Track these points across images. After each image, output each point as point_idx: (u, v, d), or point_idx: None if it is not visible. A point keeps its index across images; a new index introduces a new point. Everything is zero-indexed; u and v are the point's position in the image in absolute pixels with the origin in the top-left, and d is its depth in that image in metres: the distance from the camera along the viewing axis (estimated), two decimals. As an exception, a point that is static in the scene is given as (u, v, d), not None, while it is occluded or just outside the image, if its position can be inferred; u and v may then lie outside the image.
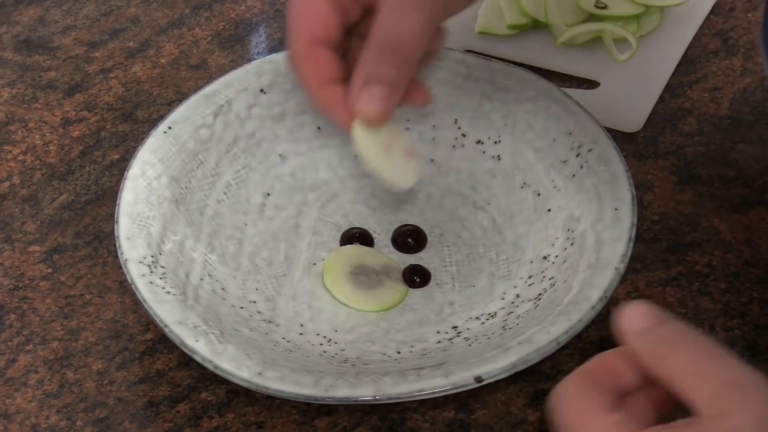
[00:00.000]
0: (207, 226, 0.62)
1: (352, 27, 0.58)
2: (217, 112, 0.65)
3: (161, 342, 0.59)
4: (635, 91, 0.72)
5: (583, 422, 0.42)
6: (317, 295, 0.61)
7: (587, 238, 0.58)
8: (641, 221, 0.64)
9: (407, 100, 0.58)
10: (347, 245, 0.63)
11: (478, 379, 0.51)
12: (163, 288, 0.56)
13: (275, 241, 0.63)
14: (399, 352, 0.57)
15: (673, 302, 0.60)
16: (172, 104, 0.73)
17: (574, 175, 0.61)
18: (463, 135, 0.67)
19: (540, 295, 0.57)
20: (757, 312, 0.59)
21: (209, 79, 0.71)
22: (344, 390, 0.51)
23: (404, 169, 0.57)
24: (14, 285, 0.63)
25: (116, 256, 0.58)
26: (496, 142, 0.66)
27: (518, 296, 0.58)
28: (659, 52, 0.75)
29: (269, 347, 0.56)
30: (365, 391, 0.51)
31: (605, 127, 0.62)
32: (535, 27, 0.76)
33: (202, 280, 0.59)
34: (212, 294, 0.58)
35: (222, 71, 0.72)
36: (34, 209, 0.67)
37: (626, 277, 0.60)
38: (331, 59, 0.56)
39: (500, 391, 0.56)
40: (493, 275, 0.61)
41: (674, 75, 0.73)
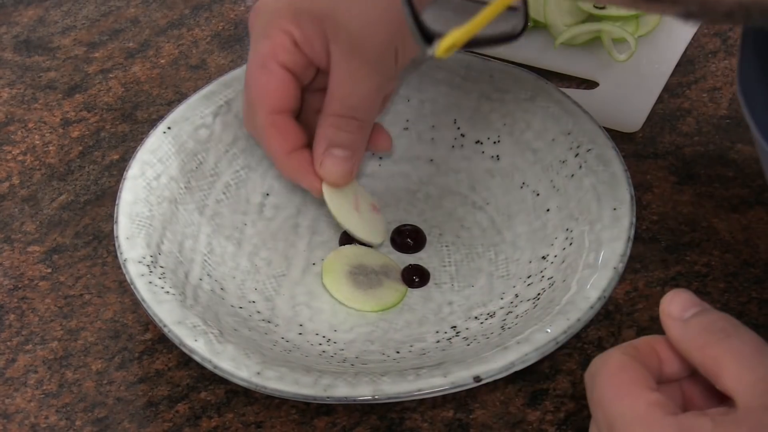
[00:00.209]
0: (206, 226, 0.62)
1: (307, 86, 0.60)
2: (216, 112, 0.65)
3: (160, 342, 0.59)
4: (634, 92, 0.72)
5: (621, 395, 0.42)
6: (316, 295, 0.61)
7: (586, 237, 0.58)
8: (640, 221, 0.64)
9: (371, 146, 0.62)
10: (346, 245, 0.63)
11: (477, 379, 0.51)
12: (163, 288, 0.56)
13: (274, 241, 0.63)
14: (398, 352, 0.57)
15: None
16: (171, 104, 0.73)
17: (573, 175, 0.61)
18: (462, 135, 0.67)
19: (539, 294, 0.57)
20: (756, 312, 0.59)
21: (209, 80, 0.71)
22: (343, 389, 0.51)
23: (374, 224, 0.62)
24: (14, 285, 0.63)
25: (115, 256, 0.58)
26: (495, 142, 0.66)
27: (517, 296, 0.59)
28: (658, 52, 0.75)
29: (268, 347, 0.56)
30: (364, 390, 0.51)
31: (604, 127, 0.62)
32: (534, 27, 0.76)
33: (201, 280, 0.59)
34: (211, 294, 0.58)
35: (221, 71, 0.72)
36: (34, 209, 0.67)
37: (625, 276, 0.60)
38: (294, 127, 0.59)
39: (499, 390, 0.56)
40: (492, 275, 0.61)
41: (673, 75, 0.73)
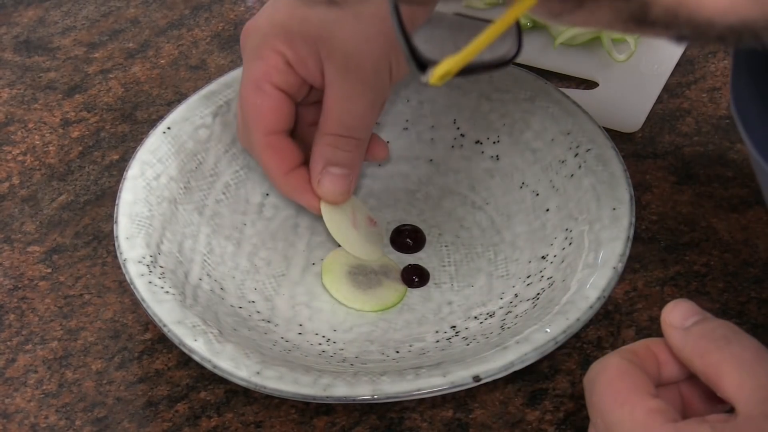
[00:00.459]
0: (206, 226, 0.62)
1: (300, 101, 0.60)
2: (216, 113, 0.65)
3: (160, 342, 0.59)
4: (634, 92, 0.72)
5: (620, 401, 0.42)
6: (316, 295, 0.61)
7: (585, 237, 0.58)
8: (639, 221, 0.64)
9: (368, 156, 0.62)
10: (346, 245, 0.63)
11: (477, 379, 0.51)
12: (162, 288, 0.56)
13: (274, 241, 0.63)
14: (397, 352, 0.57)
15: (672, 301, 0.60)
16: (171, 105, 0.73)
17: (572, 175, 0.61)
18: (462, 135, 0.67)
19: (538, 294, 0.57)
20: (755, 311, 0.59)
21: (208, 80, 0.71)
22: (343, 389, 0.51)
23: (371, 239, 0.62)
24: (13, 285, 0.63)
25: (115, 256, 0.58)
26: (494, 142, 0.66)
27: (516, 296, 0.59)
28: (658, 52, 0.75)
29: (268, 347, 0.56)
30: (364, 390, 0.51)
31: (604, 128, 0.63)
32: (533, 27, 0.77)
33: (200, 279, 0.59)
34: (211, 294, 0.58)
35: (221, 72, 0.72)
36: (34, 209, 0.68)
37: (624, 276, 0.60)
38: (290, 147, 0.60)
39: (498, 390, 0.56)
40: (492, 275, 0.61)
41: (673, 75, 0.73)
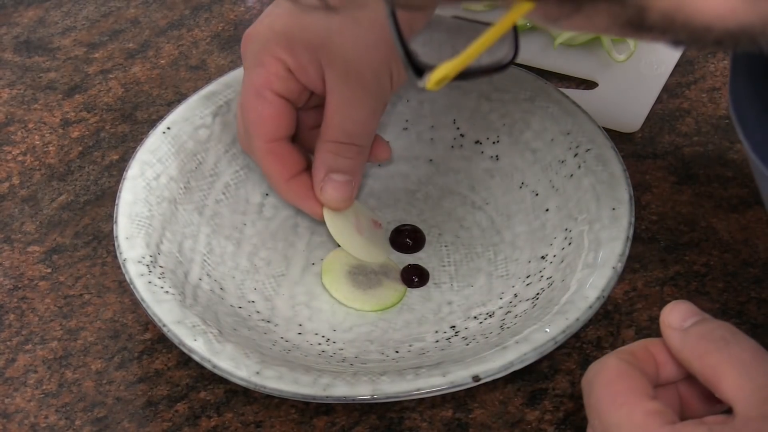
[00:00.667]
0: (206, 226, 0.62)
1: (301, 106, 0.60)
2: (216, 113, 0.65)
3: (160, 342, 0.59)
4: (633, 92, 0.72)
5: (618, 404, 0.42)
6: (316, 295, 0.61)
7: (585, 237, 0.58)
8: (639, 221, 0.64)
9: (370, 158, 0.62)
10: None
11: (476, 379, 0.51)
12: (162, 288, 0.56)
13: (274, 241, 0.63)
14: (397, 352, 0.57)
15: (671, 301, 0.60)
16: (171, 105, 0.73)
17: (572, 175, 0.61)
18: (462, 135, 0.67)
19: (538, 294, 0.57)
20: (755, 311, 0.59)
21: (208, 80, 0.71)
22: (342, 389, 0.51)
23: (376, 241, 0.62)
24: (13, 285, 0.63)
25: (115, 256, 0.58)
26: (494, 143, 0.66)
27: (516, 296, 0.59)
28: (657, 52, 0.75)
29: (267, 347, 0.56)
30: (363, 390, 0.51)
31: (603, 128, 0.63)
32: (533, 28, 0.77)
33: (200, 279, 0.59)
34: (211, 294, 0.58)
35: (221, 72, 0.72)
36: (34, 209, 0.68)
37: (624, 276, 0.60)
38: (292, 153, 0.60)
39: (498, 390, 0.56)
40: (491, 275, 0.61)
41: (672, 75, 0.74)
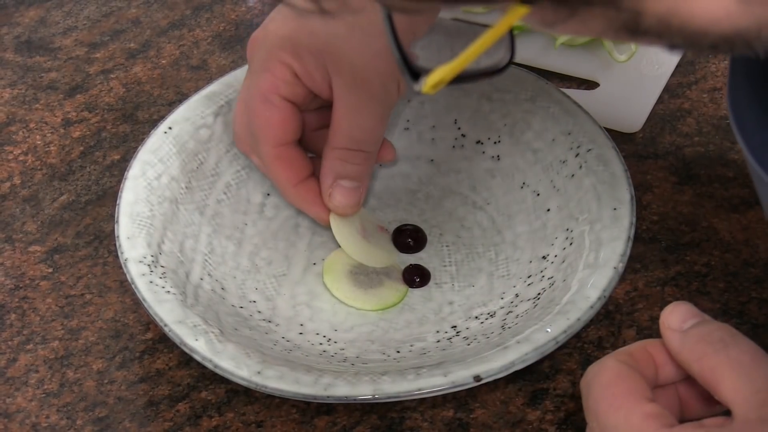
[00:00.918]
0: (207, 226, 0.62)
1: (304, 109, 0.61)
2: (217, 113, 0.65)
3: (161, 341, 0.59)
4: (634, 92, 0.72)
5: (616, 406, 0.42)
6: (317, 295, 0.61)
7: (586, 237, 0.58)
8: (640, 221, 0.64)
9: (376, 159, 0.62)
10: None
11: (477, 378, 0.51)
12: (163, 287, 0.56)
13: (275, 241, 0.63)
14: (398, 352, 0.57)
15: (672, 302, 0.60)
16: (172, 105, 0.73)
17: (573, 175, 0.61)
18: (463, 135, 0.67)
19: (539, 294, 0.57)
20: (756, 311, 0.59)
21: (210, 80, 0.71)
22: (343, 389, 0.51)
23: (382, 246, 0.62)
24: (15, 285, 0.63)
25: (116, 256, 0.58)
26: (495, 143, 0.66)
27: (517, 296, 0.59)
28: (658, 53, 0.75)
29: (269, 346, 0.56)
30: (364, 390, 0.51)
31: (604, 128, 0.63)
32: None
33: (201, 279, 0.59)
34: (212, 293, 0.59)
35: (222, 72, 0.72)
36: (35, 209, 0.68)
37: (625, 276, 0.60)
38: (299, 158, 0.60)
39: (499, 390, 0.56)
40: (492, 275, 0.61)
41: (673, 76, 0.74)
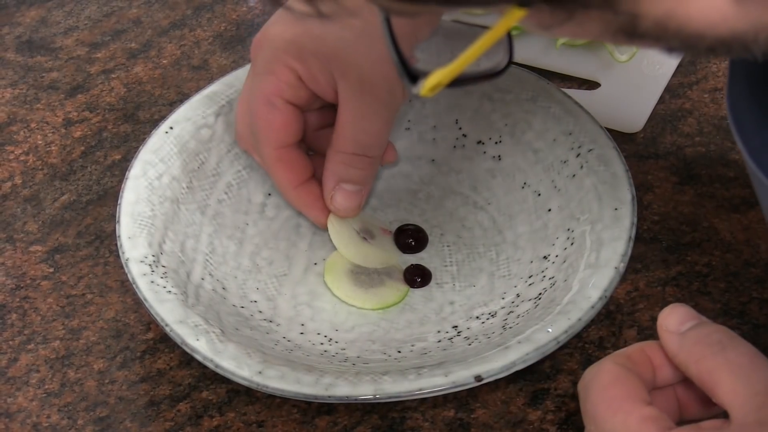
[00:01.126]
0: (208, 226, 0.62)
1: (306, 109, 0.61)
2: (218, 112, 0.65)
3: (162, 341, 0.59)
4: (635, 92, 0.72)
5: (614, 409, 0.42)
6: (318, 295, 0.61)
7: (587, 237, 0.58)
8: (641, 221, 0.64)
9: None
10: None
11: (478, 378, 0.51)
12: (164, 287, 0.56)
13: (276, 241, 0.63)
14: (399, 351, 0.57)
15: (673, 302, 0.59)
16: (173, 105, 0.73)
17: (574, 175, 0.61)
18: (464, 135, 0.67)
19: (540, 294, 0.57)
20: (757, 311, 0.59)
21: (211, 80, 0.71)
22: (344, 389, 0.51)
23: (385, 246, 0.62)
24: (16, 285, 0.63)
25: (117, 256, 0.58)
26: (496, 143, 0.66)
27: (518, 296, 0.59)
28: (659, 53, 0.74)
29: (270, 346, 0.56)
30: (365, 389, 0.51)
31: (605, 128, 0.63)
32: (535, 28, 0.77)
33: (203, 279, 0.59)
34: (213, 293, 0.59)
35: (223, 72, 0.72)
36: (36, 209, 0.68)
37: (626, 276, 0.60)
38: (300, 159, 0.60)
39: (500, 390, 0.56)
40: (493, 275, 0.61)
41: (674, 76, 0.74)
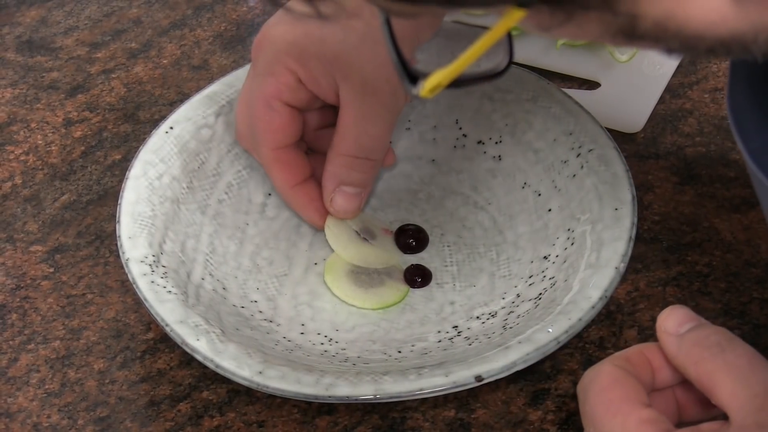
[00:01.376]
0: (208, 226, 0.62)
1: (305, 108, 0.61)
2: (218, 112, 0.65)
3: (162, 341, 0.59)
4: (636, 92, 0.72)
5: (612, 411, 0.42)
6: (318, 295, 0.61)
7: (587, 237, 0.58)
8: (641, 221, 0.64)
9: None
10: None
11: (479, 378, 0.51)
12: (165, 287, 0.56)
13: (276, 241, 0.63)
14: (400, 352, 0.57)
15: (674, 302, 0.60)
16: (173, 105, 0.73)
17: (574, 175, 0.61)
18: (464, 135, 0.67)
19: (540, 294, 0.57)
20: (757, 312, 0.59)
21: (211, 80, 0.71)
22: (345, 389, 0.51)
23: (386, 246, 0.62)
24: (16, 284, 0.63)
25: (118, 256, 0.58)
26: (496, 143, 0.66)
27: (519, 296, 0.59)
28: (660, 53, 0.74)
29: (270, 346, 0.56)
30: (366, 390, 0.51)
31: (606, 128, 0.63)
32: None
33: (203, 279, 0.59)
34: (213, 293, 0.59)
35: (224, 72, 0.72)
36: (36, 209, 0.68)
37: (626, 276, 0.60)
38: (298, 160, 0.60)
39: (500, 390, 0.56)
40: (494, 275, 0.61)
41: (675, 76, 0.74)
